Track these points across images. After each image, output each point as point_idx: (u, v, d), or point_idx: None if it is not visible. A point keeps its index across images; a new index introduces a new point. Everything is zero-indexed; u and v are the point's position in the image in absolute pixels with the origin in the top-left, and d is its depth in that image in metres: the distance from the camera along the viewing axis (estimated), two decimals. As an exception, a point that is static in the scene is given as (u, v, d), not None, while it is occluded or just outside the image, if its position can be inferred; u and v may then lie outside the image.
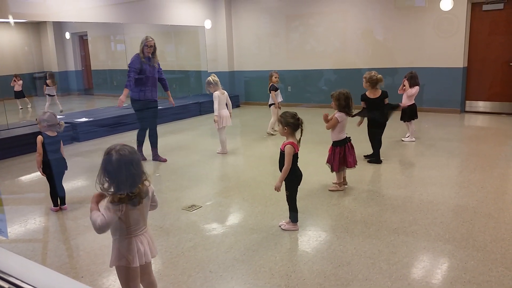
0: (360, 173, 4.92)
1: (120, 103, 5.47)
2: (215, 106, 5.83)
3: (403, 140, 6.41)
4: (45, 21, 12.07)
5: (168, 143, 6.60)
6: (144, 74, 5.51)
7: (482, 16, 8.32)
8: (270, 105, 7.28)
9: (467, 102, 8.83)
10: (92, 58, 13.09)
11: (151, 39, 5.53)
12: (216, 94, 5.84)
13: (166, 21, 10.06)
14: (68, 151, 4.20)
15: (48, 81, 10.12)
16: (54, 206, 4.07)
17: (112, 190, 2.05)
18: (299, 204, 3.53)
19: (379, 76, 5.19)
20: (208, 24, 11.06)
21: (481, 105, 8.72)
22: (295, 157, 3.35)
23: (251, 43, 11.19)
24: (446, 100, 8.77)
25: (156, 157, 5.83)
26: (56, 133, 3.98)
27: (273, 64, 10.83)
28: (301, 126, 3.31)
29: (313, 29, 10.12)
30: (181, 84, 12.05)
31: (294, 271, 2.82)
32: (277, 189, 3.36)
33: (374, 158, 5.32)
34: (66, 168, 4.13)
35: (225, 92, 6.02)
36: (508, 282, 2.59)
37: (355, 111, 4.60)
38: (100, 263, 3.02)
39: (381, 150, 5.27)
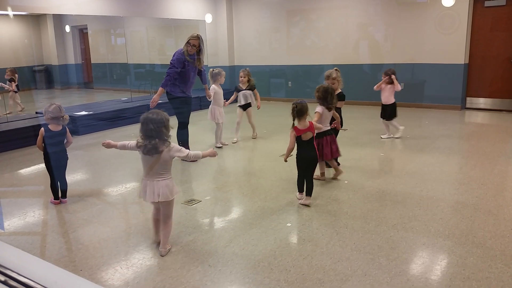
0: (359, 169, 4.91)
1: (154, 103, 5.16)
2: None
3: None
4: (45, 14, 12.00)
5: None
6: (187, 71, 5.28)
7: (484, 12, 8.28)
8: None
9: (468, 98, 8.81)
10: (92, 51, 13.02)
11: (195, 38, 5.17)
12: (212, 86, 5.97)
13: (166, 15, 10.01)
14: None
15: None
16: (54, 199, 4.07)
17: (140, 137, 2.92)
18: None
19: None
20: (208, 18, 11.01)
21: (482, 101, 8.70)
22: (298, 139, 3.75)
23: (252, 38, 11.15)
24: (447, 96, 8.75)
25: None
26: (61, 127, 3.96)
27: (273, 59, 10.81)
28: (293, 112, 3.73)
29: (314, 25, 10.07)
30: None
31: (294, 266, 2.82)
32: (284, 159, 3.86)
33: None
34: (67, 157, 4.12)
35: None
36: (507, 278, 2.59)
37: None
38: (99, 257, 3.01)
39: (381, 144, 5.23)
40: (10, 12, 8.64)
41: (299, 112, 3.69)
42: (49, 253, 3.13)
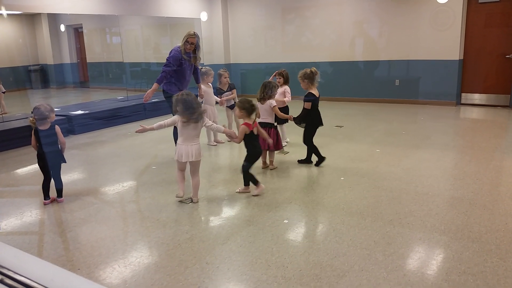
0: (355, 166, 4.93)
1: (147, 97, 5.08)
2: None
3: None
4: (40, 13, 11.94)
5: (164, 136, 6.58)
6: (183, 69, 5.26)
7: (478, 8, 8.31)
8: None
9: (463, 94, 8.85)
10: (87, 50, 12.98)
11: (193, 36, 5.11)
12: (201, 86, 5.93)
13: (161, 13, 9.99)
14: (64, 144, 4.18)
15: None
16: (45, 199, 4.04)
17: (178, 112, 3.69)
18: (296, 195, 3.54)
19: (314, 69, 4.82)
20: (204, 16, 10.99)
21: (477, 97, 8.74)
22: (251, 134, 4.02)
23: (247, 36, 11.14)
24: (442, 92, 8.79)
25: None
26: (49, 125, 3.95)
27: (269, 57, 10.81)
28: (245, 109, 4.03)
29: (309, 22, 10.08)
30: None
31: (291, 262, 2.83)
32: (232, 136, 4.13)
33: (307, 159, 5.02)
34: (63, 160, 4.10)
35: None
36: (502, 272, 2.61)
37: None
38: (96, 255, 3.02)
39: (377, 141, 5.23)
40: (4, 12, 8.60)
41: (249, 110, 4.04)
42: (47, 253, 3.13)
